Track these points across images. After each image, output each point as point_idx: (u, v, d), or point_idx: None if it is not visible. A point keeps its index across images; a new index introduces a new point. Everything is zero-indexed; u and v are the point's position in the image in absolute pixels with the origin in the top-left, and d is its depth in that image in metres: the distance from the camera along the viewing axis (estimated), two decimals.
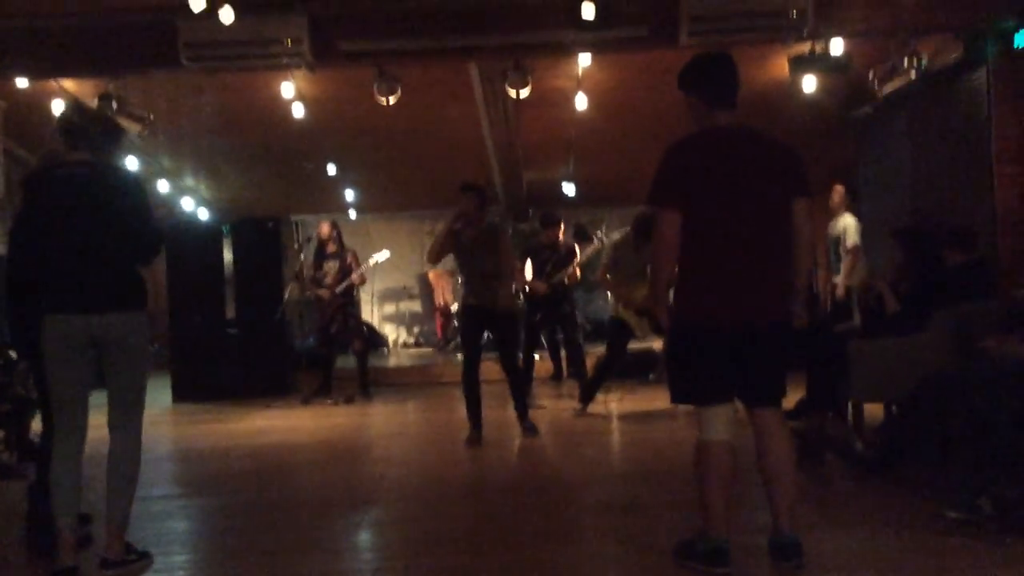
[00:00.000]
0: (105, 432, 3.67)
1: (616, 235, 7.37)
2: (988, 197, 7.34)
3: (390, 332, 14.34)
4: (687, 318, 3.38)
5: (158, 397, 9.29)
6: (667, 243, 3.31)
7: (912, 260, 5.28)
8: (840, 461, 4.87)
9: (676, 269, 3.40)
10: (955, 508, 3.77)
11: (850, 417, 5.53)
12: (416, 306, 14.71)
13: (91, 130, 3.71)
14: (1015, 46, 7.10)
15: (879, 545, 3.60)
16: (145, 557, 3.68)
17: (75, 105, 3.86)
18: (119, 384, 3.65)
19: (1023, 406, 3.80)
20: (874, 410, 5.62)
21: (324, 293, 8.87)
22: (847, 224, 8.02)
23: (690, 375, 3.41)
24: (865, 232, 8.42)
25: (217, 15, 6.81)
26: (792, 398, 5.22)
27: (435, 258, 6.63)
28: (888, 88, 7.87)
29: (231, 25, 6.89)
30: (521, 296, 9.25)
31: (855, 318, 7.67)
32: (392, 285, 14.27)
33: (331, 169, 11.25)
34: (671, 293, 3.52)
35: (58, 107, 8.92)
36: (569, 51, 7.78)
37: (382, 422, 7.88)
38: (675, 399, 3.52)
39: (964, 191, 7.73)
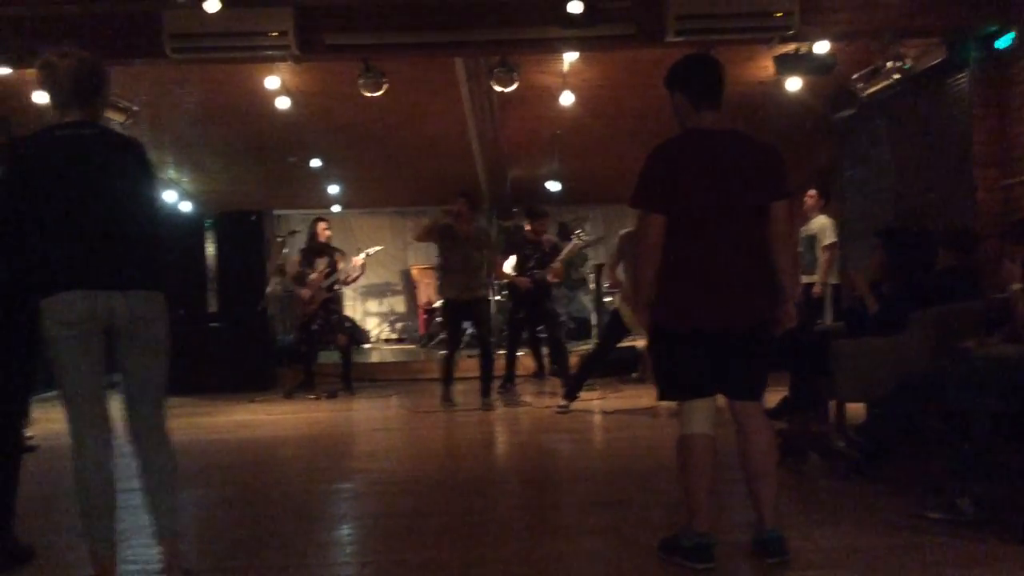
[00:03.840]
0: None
1: (625, 229, 7.35)
2: (969, 200, 7.42)
3: (373, 328, 14.30)
4: (668, 319, 3.40)
5: None
6: (651, 246, 3.32)
7: (895, 260, 5.31)
8: (822, 460, 4.91)
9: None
10: (936, 508, 3.81)
11: (832, 416, 5.57)
12: (399, 303, 14.68)
13: (86, 84, 3.18)
14: (996, 48, 7.18)
15: (861, 544, 3.62)
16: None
17: (60, 53, 3.18)
18: (146, 376, 3.17)
19: (1001, 406, 3.83)
20: (856, 409, 5.66)
21: (305, 293, 8.84)
22: (823, 224, 8.07)
23: (673, 373, 3.45)
24: (846, 232, 8.46)
25: (202, 6, 6.77)
26: (774, 397, 5.27)
27: (421, 238, 7.84)
28: (871, 90, 7.92)
29: (216, 16, 6.85)
30: (502, 293, 9.28)
31: (827, 316, 7.73)
32: (376, 281, 14.25)
33: (315, 163, 11.21)
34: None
35: (40, 97, 8.86)
36: (556, 49, 7.79)
37: (365, 417, 7.86)
38: (660, 396, 3.56)
39: (946, 194, 7.81)
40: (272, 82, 8.41)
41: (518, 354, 8.78)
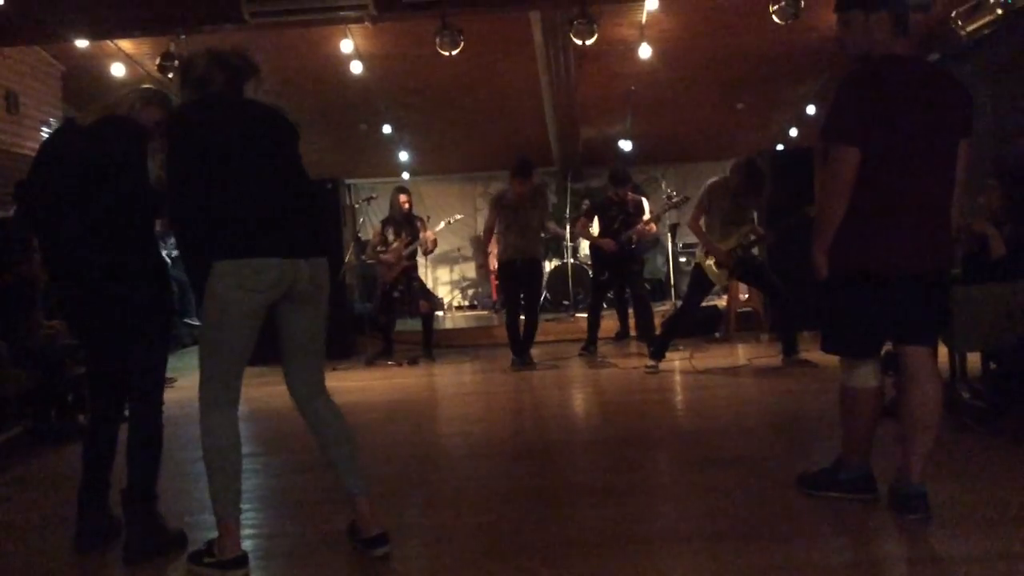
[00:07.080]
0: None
1: (714, 178, 7.06)
2: None
3: (444, 295, 14.26)
4: (855, 264, 3.18)
5: None
6: (843, 182, 3.10)
7: (1018, 202, 5.00)
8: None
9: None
10: None
11: (946, 365, 5.29)
12: (470, 269, 14.62)
13: (224, 75, 3.13)
14: None
15: (1002, 498, 3.41)
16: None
17: (199, 52, 3.19)
18: (316, 341, 3.19)
19: None
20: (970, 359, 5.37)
21: (389, 258, 8.76)
22: None
23: (850, 325, 3.26)
24: None
25: None
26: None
27: (488, 234, 8.00)
28: (971, 27, 7.49)
29: None
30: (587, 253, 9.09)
31: None
32: (446, 248, 14.17)
33: (386, 129, 11.12)
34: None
35: (117, 70, 8.91)
36: None
37: (448, 383, 7.79)
38: (828, 348, 3.37)
39: None
40: (346, 46, 8.32)
41: (600, 315, 8.62)
